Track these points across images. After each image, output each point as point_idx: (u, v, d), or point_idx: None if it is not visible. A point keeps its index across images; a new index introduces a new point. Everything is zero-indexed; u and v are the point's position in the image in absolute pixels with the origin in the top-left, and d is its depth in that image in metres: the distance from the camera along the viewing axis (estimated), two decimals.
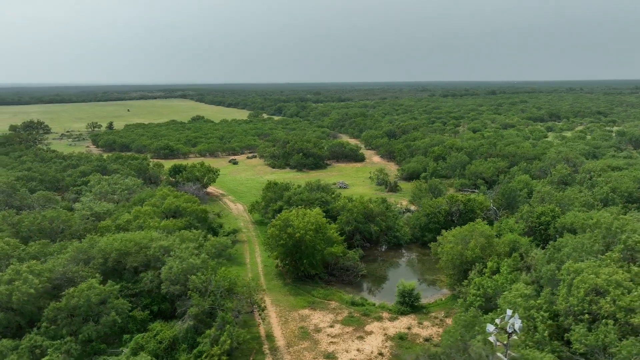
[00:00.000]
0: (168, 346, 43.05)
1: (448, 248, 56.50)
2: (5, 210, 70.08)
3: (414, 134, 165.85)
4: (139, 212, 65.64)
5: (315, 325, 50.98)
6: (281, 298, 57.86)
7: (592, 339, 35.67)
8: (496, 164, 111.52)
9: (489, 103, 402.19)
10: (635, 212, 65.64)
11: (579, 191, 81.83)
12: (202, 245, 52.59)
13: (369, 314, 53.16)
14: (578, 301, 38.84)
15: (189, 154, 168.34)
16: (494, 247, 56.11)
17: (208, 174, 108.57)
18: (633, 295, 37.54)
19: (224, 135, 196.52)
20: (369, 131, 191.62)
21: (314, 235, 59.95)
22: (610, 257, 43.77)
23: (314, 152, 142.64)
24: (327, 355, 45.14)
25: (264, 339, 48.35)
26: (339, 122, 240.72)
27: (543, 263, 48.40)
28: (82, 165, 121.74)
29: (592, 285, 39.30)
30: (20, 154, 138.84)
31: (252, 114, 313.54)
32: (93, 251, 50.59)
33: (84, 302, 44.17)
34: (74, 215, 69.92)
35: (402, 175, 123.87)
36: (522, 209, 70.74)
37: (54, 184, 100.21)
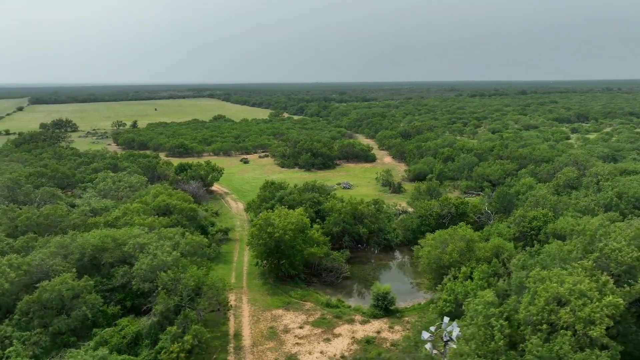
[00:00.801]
0: (131, 341, 43.94)
1: (426, 251, 55.41)
2: (6, 205, 73.22)
3: (427, 134, 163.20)
4: (127, 209, 67.25)
5: (285, 326, 50.95)
6: (258, 297, 58.12)
7: (545, 350, 34.29)
8: (504, 166, 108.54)
9: (516, 103, 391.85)
10: (635, 219, 62.51)
11: (585, 195, 78.84)
12: (178, 243, 53.33)
13: (342, 316, 52.70)
14: (537, 310, 37.34)
15: (203, 153, 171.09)
16: (475, 252, 54.58)
17: (212, 173, 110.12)
18: (594, 306, 35.83)
19: (240, 134, 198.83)
20: (383, 131, 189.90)
21: (294, 236, 59.89)
22: (582, 265, 41.89)
23: (323, 152, 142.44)
24: (289, 356, 45.05)
25: (232, 338, 48.69)
26: (357, 122, 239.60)
27: (517, 269, 46.77)
28: (95, 162, 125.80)
29: (554, 294, 37.74)
30: (41, 151, 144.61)
31: (273, 114, 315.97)
32: (72, 246, 52.14)
33: (55, 296, 45.64)
34: (70, 211, 72.25)
35: (409, 177, 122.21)
36: (514, 213, 68.62)
37: (63, 180, 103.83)
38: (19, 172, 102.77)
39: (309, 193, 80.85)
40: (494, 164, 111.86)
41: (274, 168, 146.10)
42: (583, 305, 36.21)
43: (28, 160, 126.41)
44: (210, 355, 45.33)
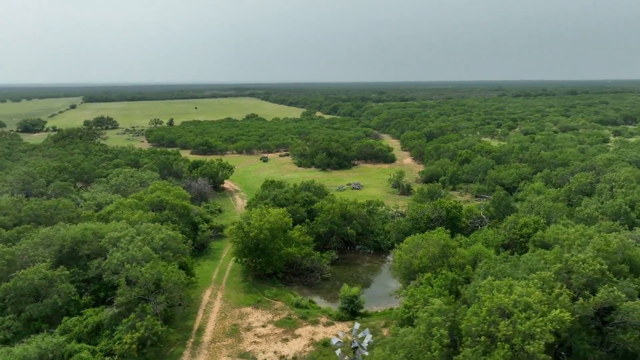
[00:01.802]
0: (91, 330, 45.81)
1: (397, 255, 54.16)
2: (16, 197, 78.11)
3: (449, 135, 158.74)
4: (121, 203, 69.95)
5: (248, 324, 51.41)
6: (232, 294, 58.91)
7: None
8: (519, 169, 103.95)
9: (562, 104, 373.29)
10: (629, 231, 58.33)
11: (600, 202, 74.45)
12: (152, 238, 54.90)
13: (307, 317, 52.48)
14: (478, 321, 35.72)
15: (226, 151, 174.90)
16: (449, 258, 52.73)
17: (222, 171, 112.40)
18: (537, 319, 33.82)
19: (265, 133, 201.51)
20: (408, 132, 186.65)
21: (272, 235, 60.21)
22: (540, 276, 39.60)
23: (339, 152, 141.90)
24: (242, 354, 45.43)
25: (194, 333, 49.71)
26: (385, 122, 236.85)
27: (479, 277, 44.84)
28: (118, 158, 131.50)
29: (498, 304, 35.94)
30: (73, 147, 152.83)
31: (305, 113, 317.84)
32: (54, 238, 54.92)
33: (28, 284, 48.30)
34: (77, 205, 76.08)
35: (422, 178, 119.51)
36: (507, 219, 65.65)
37: (83, 175, 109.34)
38: (43, 166, 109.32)
39: (303, 192, 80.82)
40: (509, 167, 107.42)
41: (290, 167, 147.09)
42: (526, 319, 34.32)
43: (58, 155, 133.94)
44: (167, 349, 46.52)
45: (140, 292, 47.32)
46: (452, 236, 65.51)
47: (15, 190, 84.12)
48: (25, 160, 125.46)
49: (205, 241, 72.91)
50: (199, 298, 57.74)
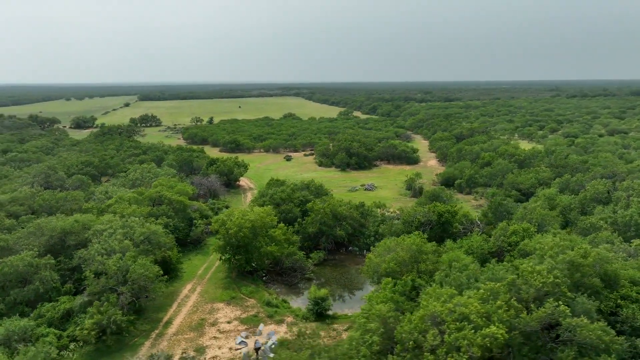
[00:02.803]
0: (62, 317, 48.44)
1: (368, 258, 53.17)
2: (35, 188, 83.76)
3: (477, 137, 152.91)
4: (120, 198, 73.25)
5: (215, 319, 52.36)
6: (210, 290, 60.16)
7: None
8: (539, 174, 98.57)
9: (620, 105, 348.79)
10: (623, 244, 53.92)
11: (613, 212, 69.69)
12: (134, 232, 57.16)
13: (274, 316, 52.68)
14: (410, 328, 34.54)
15: (253, 149, 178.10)
16: (420, 264, 51.12)
17: (237, 169, 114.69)
18: (466, 332, 32.22)
19: (295, 132, 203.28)
20: (439, 133, 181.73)
21: (254, 233, 60.91)
22: (488, 287, 37.54)
23: (360, 152, 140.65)
24: (198, 348, 46.39)
25: (161, 325, 51.28)
26: (419, 123, 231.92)
27: (436, 284, 43.14)
28: (146, 154, 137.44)
29: (431, 312, 34.58)
30: (109, 143, 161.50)
31: (342, 112, 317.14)
32: (45, 228, 58.52)
33: (13, 270, 51.83)
34: (82, 197, 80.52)
35: (439, 181, 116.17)
36: (498, 226, 62.57)
37: (107, 169, 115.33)
38: (72, 160, 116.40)
39: (299, 192, 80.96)
40: (529, 171, 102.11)
41: (311, 166, 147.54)
42: (457, 330, 32.83)
43: (92, 150, 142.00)
44: (131, 339, 48.31)
45: (111, 282, 49.50)
46: (442, 241, 63.67)
47: (36, 183, 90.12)
48: (61, 154, 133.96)
49: (200, 236, 74.79)
50: (178, 291, 59.50)
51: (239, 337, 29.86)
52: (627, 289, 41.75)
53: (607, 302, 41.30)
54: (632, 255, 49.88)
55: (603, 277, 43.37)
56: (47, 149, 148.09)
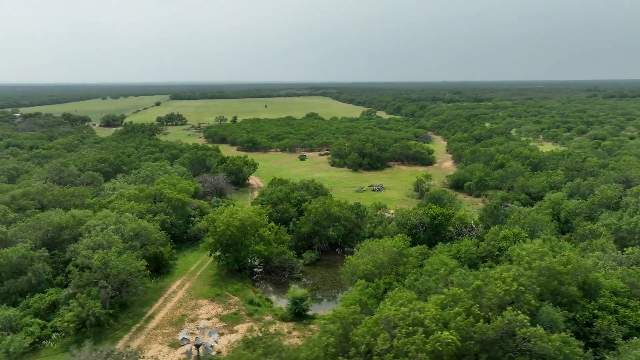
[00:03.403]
0: (48, 308, 50.29)
1: (347, 260, 52.83)
2: (47, 184, 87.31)
3: (495, 139, 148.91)
4: (121, 194, 75.39)
5: (196, 316, 53.20)
6: (198, 286, 61.13)
7: None
8: (551, 177, 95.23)
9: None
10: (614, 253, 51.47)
11: (619, 218, 66.94)
12: (125, 228, 58.76)
13: (254, 314, 53.07)
14: (363, 332, 34.15)
15: (270, 148, 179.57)
16: (399, 267, 50.38)
17: (245, 167, 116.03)
18: (416, 337, 31.59)
19: (314, 132, 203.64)
20: (458, 134, 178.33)
21: (239, 232, 61.51)
22: (454, 292, 36.62)
23: (373, 152, 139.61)
24: (173, 343, 47.18)
25: (144, 319, 52.51)
26: (441, 123, 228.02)
27: (406, 289, 42.42)
28: (162, 152, 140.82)
29: (385, 316, 34.07)
30: (131, 141, 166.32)
31: (365, 112, 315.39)
32: (43, 222, 60.93)
33: (7, 262, 54.22)
34: (89, 193, 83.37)
35: (449, 183, 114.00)
36: (490, 230, 60.94)
37: (121, 166, 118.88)
38: (89, 157, 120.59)
39: (298, 192, 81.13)
40: (540, 175, 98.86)
41: (323, 166, 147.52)
42: (407, 334, 32.27)
43: (112, 147, 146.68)
44: (112, 332, 49.68)
45: (96, 276, 51.06)
46: (434, 244, 62.53)
47: (50, 179, 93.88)
48: (81, 151, 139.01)
49: (197, 234, 76.02)
50: (167, 287, 60.76)
51: (181, 334, 30.31)
52: (606, 299, 39.89)
53: (583, 312, 39.64)
54: (622, 263, 47.56)
55: (583, 286, 41.70)
56: (70, 146, 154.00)
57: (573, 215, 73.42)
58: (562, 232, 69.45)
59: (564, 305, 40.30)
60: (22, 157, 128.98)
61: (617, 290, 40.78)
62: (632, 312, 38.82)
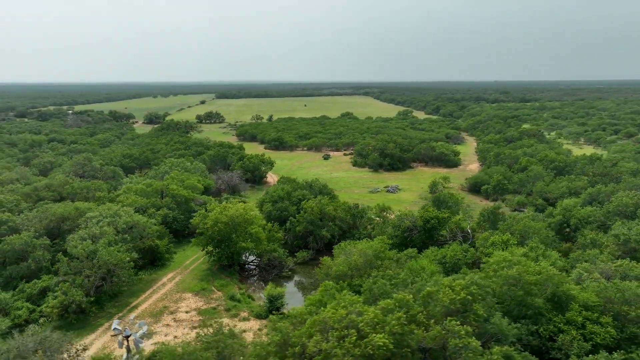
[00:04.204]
0: (39, 293, 53.42)
1: (323, 260, 52.55)
2: (69, 177, 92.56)
3: (525, 141, 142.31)
4: (129, 188, 78.68)
5: (177, 308, 54.77)
6: (187, 280, 62.82)
7: None
8: (572, 183, 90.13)
9: None
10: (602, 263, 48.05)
11: (629, 228, 62.81)
12: (118, 221, 61.39)
13: (231, 309, 53.97)
14: (300, 333, 33.99)
15: (296, 147, 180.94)
16: (373, 269, 49.52)
17: (262, 166, 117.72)
18: (349, 340, 31.14)
19: (343, 131, 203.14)
20: (490, 135, 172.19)
21: (228, 228, 62.63)
22: (402, 298, 35.62)
23: (394, 153, 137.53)
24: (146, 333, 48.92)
25: (128, 309, 54.69)
26: (476, 124, 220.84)
27: (367, 292, 41.72)
28: (189, 149, 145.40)
29: (322, 318, 33.75)
30: (163, 137, 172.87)
31: (401, 112, 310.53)
32: (48, 213, 64.78)
33: (10, 248, 58.15)
34: (105, 187, 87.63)
35: (467, 186, 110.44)
36: (480, 236, 58.56)
37: (145, 162, 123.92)
38: (117, 152, 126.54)
39: (299, 191, 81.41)
40: (562, 179, 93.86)
41: (345, 166, 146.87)
42: (340, 338, 31.89)
43: (143, 144, 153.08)
44: (94, 319, 52.05)
45: (82, 265, 53.66)
46: (425, 248, 60.96)
47: (73, 172, 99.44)
48: (113, 147, 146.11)
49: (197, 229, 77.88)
50: (159, 279, 62.88)
51: (114, 324, 31.50)
52: (574, 313, 37.49)
53: (548, 325, 37.51)
54: (610, 276, 44.38)
55: (552, 298, 39.45)
56: (107, 142, 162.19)
57: (584, 223, 69.24)
58: (567, 241, 65.75)
59: (529, 317, 38.39)
60: (60, 152, 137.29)
61: (589, 304, 38.19)
62: (601, 329, 36.31)
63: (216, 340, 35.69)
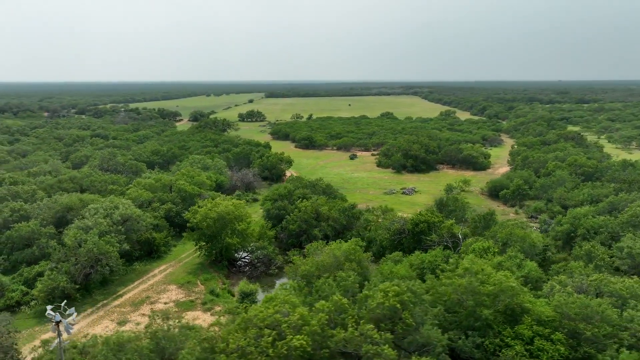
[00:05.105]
0: (34, 277, 57.34)
1: (294, 259, 52.62)
2: (94, 171, 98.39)
3: (559, 144, 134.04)
4: (139, 182, 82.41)
5: (157, 299, 56.89)
6: (177, 272, 65.00)
7: None
8: (594, 190, 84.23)
9: None
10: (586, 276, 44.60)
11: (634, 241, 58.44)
12: (113, 213, 64.57)
13: (207, 303, 55.32)
14: (228, 331, 34.37)
15: (325, 147, 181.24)
16: (340, 271, 48.95)
17: (280, 164, 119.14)
18: (263, 339, 31.22)
19: (376, 131, 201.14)
20: (528, 137, 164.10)
21: (218, 224, 64.13)
22: (333, 300, 35.14)
23: (418, 154, 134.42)
24: (121, 321, 51.25)
25: (113, 297, 57.51)
26: (518, 126, 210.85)
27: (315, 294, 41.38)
28: (218, 147, 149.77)
29: (248, 318, 33.99)
30: (197, 134, 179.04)
31: (443, 113, 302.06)
32: (56, 203, 69.32)
33: (17, 235, 62.90)
34: (122, 180, 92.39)
35: (487, 190, 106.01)
36: (465, 242, 56.13)
37: (171, 158, 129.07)
38: (148, 148, 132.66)
39: (301, 190, 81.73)
40: (585, 186, 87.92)
41: (369, 166, 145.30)
42: (258, 337, 32.10)
43: (176, 140, 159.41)
44: (80, 306, 54.95)
45: (70, 253, 56.96)
46: (410, 252, 59.49)
47: (98, 166, 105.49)
48: (146, 143, 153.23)
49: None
50: (150, 270, 65.53)
51: (47, 310, 33.42)
52: (524, 327, 35.28)
53: (494, 338, 35.60)
54: (583, 291, 41.21)
55: (506, 310, 37.36)
56: (143, 138, 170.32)
57: (593, 233, 64.66)
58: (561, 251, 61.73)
59: (477, 329, 36.64)
60: (98, 147, 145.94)
61: (542, 319, 35.78)
62: (551, 346, 33.97)
63: (154, 331, 36.83)
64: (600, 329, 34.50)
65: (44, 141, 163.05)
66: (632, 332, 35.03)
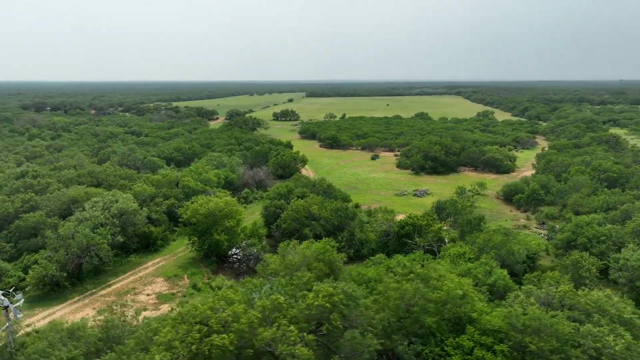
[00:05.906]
0: (32, 264, 60.96)
1: (265, 258, 52.92)
2: (112, 165, 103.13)
3: (590, 147, 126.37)
4: (148, 178, 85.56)
5: (142, 290, 59.01)
6: (168, 266, 67.04)
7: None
8: (611, 197, 79.19)
9: None
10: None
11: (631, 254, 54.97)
12: (111, 206, 67.50)
13: (187, 296, 56.72)
14: (166, 324, 35.20)
15: (349, 146, 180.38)
16: (309, 271, 48.86)
17: (294, 162, 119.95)
18: (191, 335, 31.87)
19: (404, 131, 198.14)
20: (560, 140, 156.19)
21: (208, 220, 65.61)
22: (275, 299, 35.11)
23: (438, 155, 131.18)
24: (102, 310, 53.33)
25: (101, 287, 60.20)
26: (555, 128, 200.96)
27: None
28: (239, 145, 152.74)
29: (182, 313, 34.62)
30: (225, 132, 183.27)
31: (480, 113, 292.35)
32: (64, 195, 73.32)
33: (24, 224, 67.10)
34: (135, 176, 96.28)
35: (502, 194, 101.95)
36: (445, 247, 54.37)
37: (193, 155, 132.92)
38: (171, 145, 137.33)
39: (300, 189, 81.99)
40: (604, 193, 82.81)
41: (388, 167, 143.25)
42: (186, 332, 32.76)
43: (202, 138, 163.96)
44: (69, 293, 58.04)
45: (62, 243, 60.04)
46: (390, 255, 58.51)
47: (118, 162, 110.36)
48: (172, 140, 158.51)
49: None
50: (144, 263, 67.99)
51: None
52: (466, 338, 33.91)
53: (435, 347, 34.48)
54: (548, 303, 38.95)
55: (453, 318, 36.05)
56: (173, 135, 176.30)
57: (595, 242, 60.97)
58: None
59: (420, 336, 35.63)
60: (127, 143, 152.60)
61: (487, 328, 34.24)
62: (492, 356, 32.50)
63: (105, 320, 38.34)
64: (547, 343, 32.61)
65: (82, 137, 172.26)
66: (584, 349, 32.87)
